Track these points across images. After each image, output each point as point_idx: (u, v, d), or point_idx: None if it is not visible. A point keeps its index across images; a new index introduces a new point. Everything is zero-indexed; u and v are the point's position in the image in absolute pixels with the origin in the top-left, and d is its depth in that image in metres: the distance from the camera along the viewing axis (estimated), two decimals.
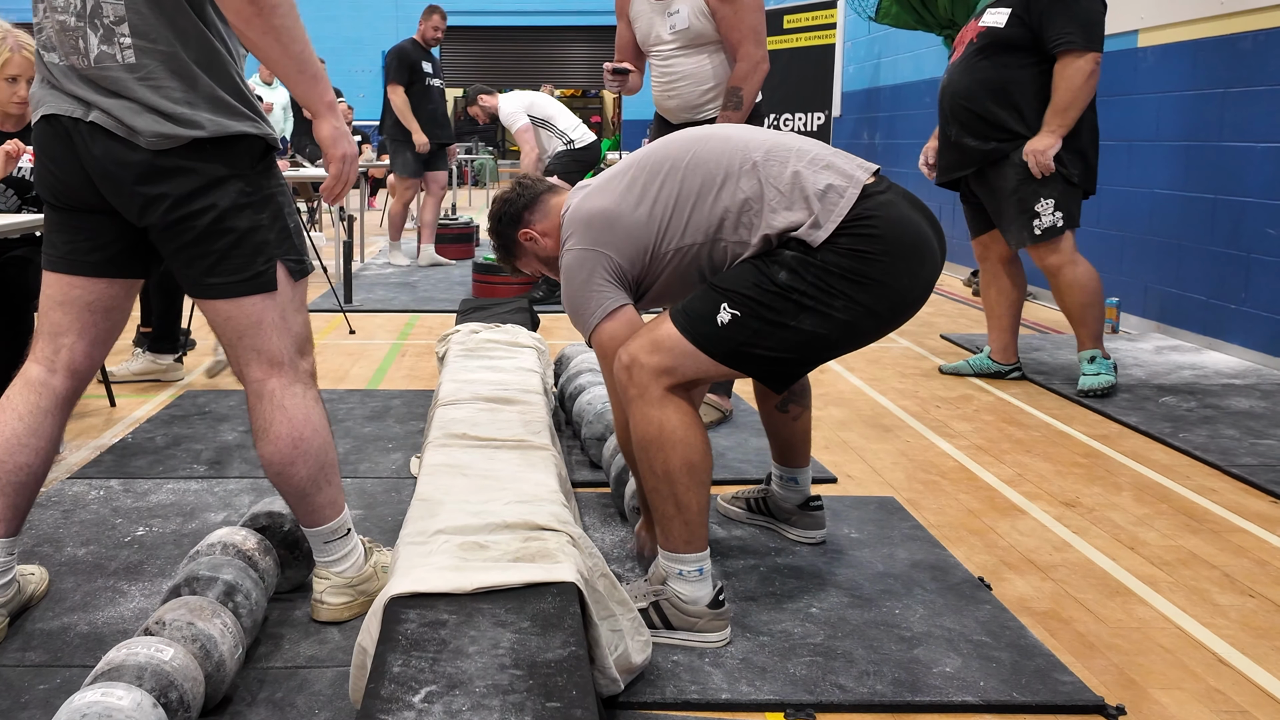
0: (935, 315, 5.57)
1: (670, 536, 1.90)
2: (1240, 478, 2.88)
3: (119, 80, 1.70)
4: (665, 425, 1.86)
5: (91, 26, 1.69)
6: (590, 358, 3.37)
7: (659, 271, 1.98)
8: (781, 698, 1.74)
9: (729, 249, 1.92)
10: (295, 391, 1.84)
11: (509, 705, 1.28)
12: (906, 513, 2.60)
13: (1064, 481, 2.89)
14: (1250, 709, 1.76)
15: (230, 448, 3.07)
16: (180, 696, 1.51)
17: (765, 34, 3.17)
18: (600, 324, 1.96)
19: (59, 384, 1.87)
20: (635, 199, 1.96)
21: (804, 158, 1.91)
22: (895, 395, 3.84)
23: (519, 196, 2.15)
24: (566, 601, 1.54)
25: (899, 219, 1.86)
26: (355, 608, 1.96)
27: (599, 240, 1.96)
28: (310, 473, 1.85)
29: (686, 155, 1.96)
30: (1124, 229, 5.21)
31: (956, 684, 1.78)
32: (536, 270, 2.24)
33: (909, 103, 8.08)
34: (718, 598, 1.90)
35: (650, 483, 1.89)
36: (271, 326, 1.81)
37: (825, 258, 1.84)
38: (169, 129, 1.69)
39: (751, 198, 1.89)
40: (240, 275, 1.78)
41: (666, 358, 1.89)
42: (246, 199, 1.76)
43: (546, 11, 16.65)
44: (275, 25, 1.66)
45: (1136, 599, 2.16)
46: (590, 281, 1.96)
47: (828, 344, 1.88)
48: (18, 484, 1.84)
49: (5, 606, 1.90)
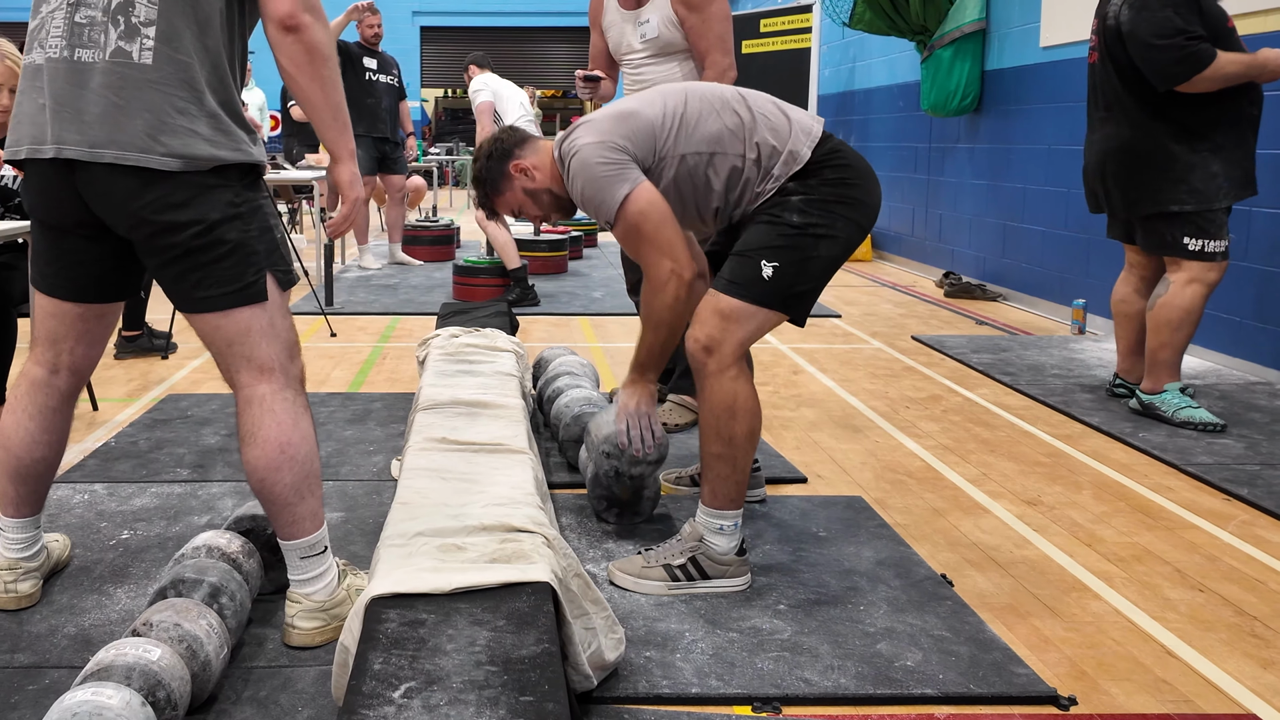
0: (907, 317, 5.67)
1: (719, 495, 2.18)
2: (1195, 476, 2.98)
3: (129, 77, 1.73)
4: (739, 397, 2.13)
5: (114, 22, 1.75)
6: (568, 361, 3.44)
7: (660, 173, 2.18)
8: (749, 691, 1.81)
9: (729, 163, 2.18)
10: (286, 397, 1.87)
11: (484, 700, 1.35)
12: (873, 512, 2.68)
13: (1026, 481, 2.98)
14: (1194, 698, 1.85)
15: (213, 451, 3.11)
16: (168, 695, 1.57)
17: (732, 42, 3.25)
18: (627, 197, 2.12)
19: (62, 383, 2.00)
20: (649, 103, 2.22)
21: (776, 100, 2.28)
22: (866, 396, 3.92)
23: (510, 136, 2.33)
24: (541, 601, 1.61)
25: (850, 150, 2.25)
26: (327, 633, 1.91)
27: (615, 132, 2.16)
28: (295, 480, 1.86)
29: (689, 87, 2.28)
30: (1090, 231, 5.32)
31: (917, 677, 1.86)
32: (515, 205, 2.33)
33: (882, 106, 8.19)
34: (742, 545, 2.21)
35: (715, 448, 2.16)
36: (261, 334, 1.85)
37: (823, 191, 2.16)
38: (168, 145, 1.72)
39: (745, 121, 2.19)
40: (230, 287, 1.81)
41: (738, 327, 2.14)
42: (235, 211, 1.80)
43: (528, 12, 16.68)
44: (323, 75, 1.83)
45: (1091, 594, 2.25)
46: (609, 164, 2.13)
47: (835, 263, 2.20)
48: (37, 475, 2.04)
49: (38, 571, 2.11)
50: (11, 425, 1.99)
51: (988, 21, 6.44)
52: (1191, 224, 3.39)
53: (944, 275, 6.63)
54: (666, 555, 2.21)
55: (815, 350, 4.78)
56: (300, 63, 1.80)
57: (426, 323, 5.23)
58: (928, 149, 7.36)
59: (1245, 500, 2.79)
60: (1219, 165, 3.35)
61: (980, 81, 6.50)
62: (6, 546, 2.05)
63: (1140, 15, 3.35)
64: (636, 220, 2.12)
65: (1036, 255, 5.89)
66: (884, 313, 5.81)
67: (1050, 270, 5.75)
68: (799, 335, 5.11)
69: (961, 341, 4.87)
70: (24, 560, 2.07)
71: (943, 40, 6.52)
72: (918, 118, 7.40)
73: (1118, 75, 3.45)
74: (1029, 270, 5.99)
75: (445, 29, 16.42)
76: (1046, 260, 5.78)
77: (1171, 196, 3.39)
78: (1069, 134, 5.53)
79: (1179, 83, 3.29)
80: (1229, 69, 3.26)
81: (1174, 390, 3.48)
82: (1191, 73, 3.26)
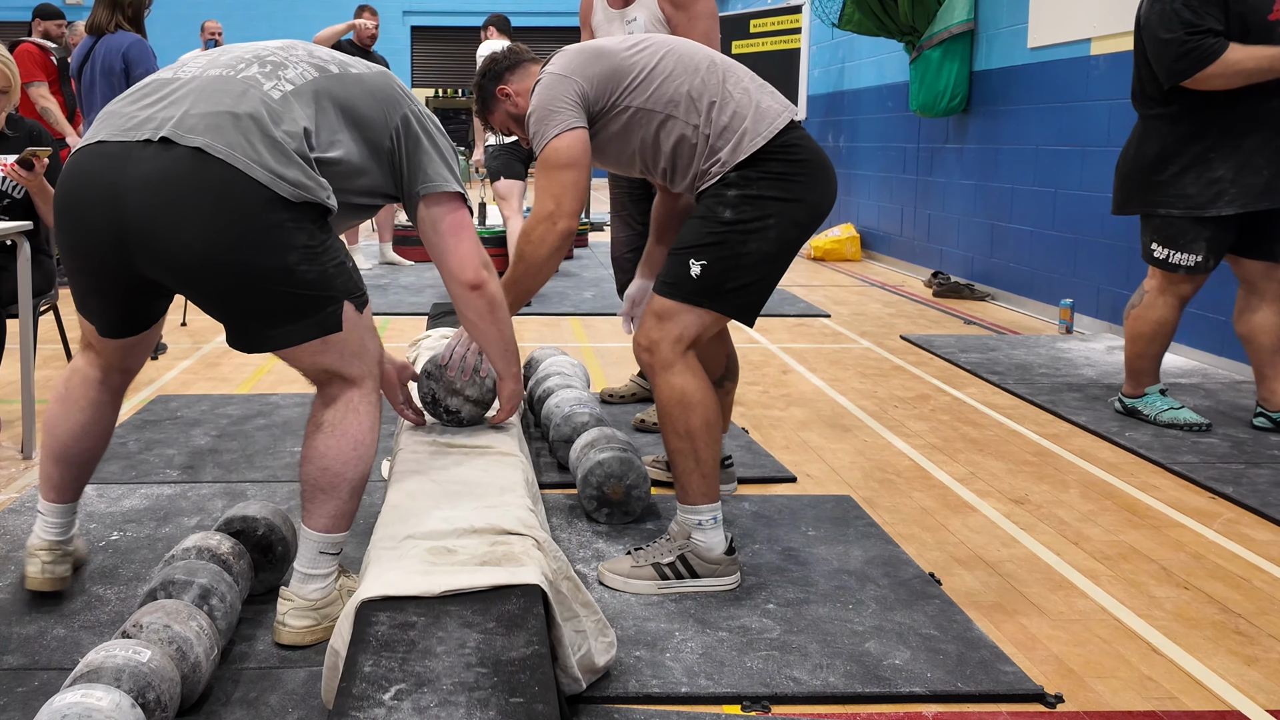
0: (896, 316, 5.69)
1: (690, 490, 2.21)
2: (1181, 475, 3.00)
3: (245, 97, 1.78)
4: (687, 390, 2.17)
5: (260, 64, 1.87)
6: (558, 361, 3.44)
7: (610, 119, 2.23)
8: (738, 690, 1.82)
9: (678, 130, 2.20)
10: (371, 402, 1.95)
11: (474, 701, 1.35)
12: (862, 511, 2.70)
13: (1014, 479, 3.00)
14: (1179, 695, 1.86)
15: (203, 452, 3.11)
16: (158, 697, 1.57)
17: (719, 40, 3.28)
18: (555, 137, 2.18)
19: (114, 381, 2.09)
20: (627, 49, 2.27)
21: (755, 81, 2.29)
22: (855, 395, 3.94)
23: (505, 58, 2.42)
24: (531, 603, 1.62)
25: (811, 146, 2.25)
26: (317, 633, 1.94)
27: (577, 68, 2.22)
28: (356, 477, 1.93)
29: (675, 44, 2.30)
30: (1077, 231, 5.35)
31: (905, 675, 1.88)
32: (503, 124, 2.45)
33: (871, 106, 8.21)
34: (730, 544, 2.23)
35: (674, 443, 2.20)
36: (352, 354, 1.91)
37: (760, 186, 2.17)
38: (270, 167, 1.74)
39: (710, 91, 2.20)
40: (309, 320, 1.83)
41: (673, 325, 2.19)
42: (311, 249, 1.80)
43: (519, 12, 16.66)
44: (500, 319, 2.12)
45: (1078, 592, 2.27)
46: (559, 101, 2.19)
47: (772, 259, 2.21)
48: (83, 463, 2.11)
49: (71, 558, 2.16)
50: (61, 415, 2.06)
51: (976, 22, 6.46)
52: (1162, 231, 3.28)
53: (932, 275, 6.65)
54: (655, 554, 2.23)
55: (804, 350, 4.80)
56: (483, 314, 2.08)
57: (418, 323, 5.23)
58: (916, 149, 7.38)
59: (1230, 498, 2.81)
60: (1226, 169, 3.17)
61: (968, 82, 6.53)
62: (45, 529, 2.10)
63: (1154, 8, 3.21)
64: (549, 155, 2.19)
65: (1024, 255, 5.92)
66: (873, 312, 5.83)
67: (1038, 270, 5.77)
68: (788, 335, 5.12)
69: (950, 341, 4.89)
70: (61, 543, 2.11)
71: (931, 41, 6.55)
72: (906, 118, 7.42)
73: (1142, 70, 3.32)
74: (1017, 270, 6.02)
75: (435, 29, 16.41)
76: (1034, 260, 5.81)
77: (1150, 199, 3.29)
78: (1056, 134, 5.56)
79: (1181, 79, 3.13)
80: (1246, 65, 3.06)
81: (1154, 393, 3.48)
82: (1193, 69, 3.09)
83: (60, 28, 6.49)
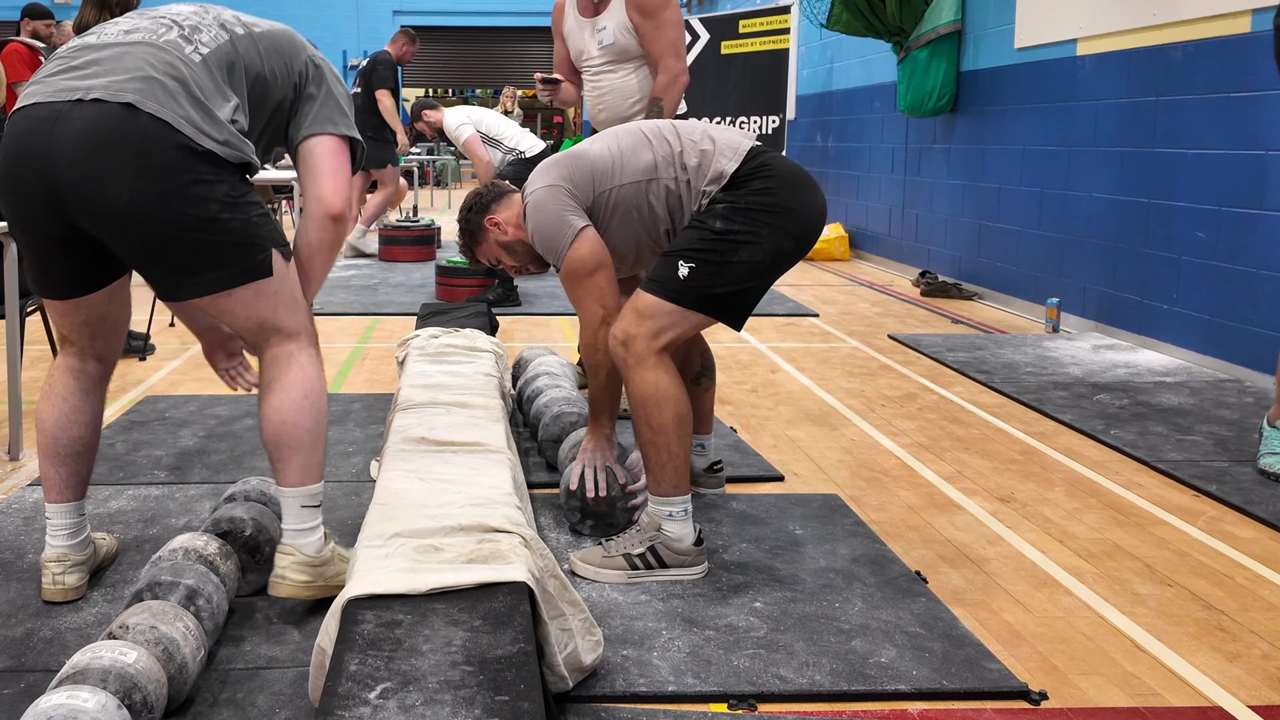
0: (884, 315, 5.71)
1: (662, 483, 2.26)
2: (1165, 473, 3.02)
3: (170, 63, 1.85)
4: (659, 384, 2.23)
5: (179, 29, 1.95)
6: (547, 361, 3.45)
7: (609, 207, 2.35)
8: (725, 689, 1.83)
9: (664, 186, 2.33)
10: (311, 353, 2.03)
11: (460, 699, 1.36)
12: (849, 509, 2.71)
13: (1000, 478, 3.02)
14: (1162, 691, 1.88)
15: (190, 453, 3.11)
16: (144, 698, 1.57)
17: (684, 47, 3.37)
18: (570, 246, 2.32)
19: (92, 369, 2.13)
20: (598, 142, 2.42)
21: (707, 125, 2.45)
22: (842, 394, 3.95)
23: (489, 191, 2.56)
24: (517, 601, 1.62)
25: (785, 162, 2.36)
26: (314, 589, 2.01)
27: (558, 176, 2.36)
28: (313, 425, 1.99)
29: (629, 125, 2.47)
30: (1064, 231, 5.38)
31: (890, 673, 1.89)
32: (492, 256, 2.57)
33: (859, 106, 8.24)
34: (700, 536, 2.29)
35: (647, 436, 2.25)
36: (286, 306, 1.98)
37: (748, 200, 2.26)
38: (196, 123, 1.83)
39: (674, 148, 2.35)
40: (238, 266, 1.91)
41: (653, 322, 2.24)
42: (233, 198, 1.89)
43: (508, 12, 16.65)
44: (332, 259, 2.12)
45: (1063, 590, 2.28)
46: (559, 211, 2.33)
47: (764, 268, 2.28)
48: (75, 454, 2.11)
49: (85, 565, 2.15)
50: (48, 409, 2.11)
51: (963, 23, 6.49)
52: None
53: (920, 274, 6.68)
54: (626, 545, 2.29)
55: (793, 349, 4.81)
56: (329, 245, 2.09)
57: (406, 323, 5.22)
58: (904, 149, 7.41)
59: (1213, 496, 2.83)
60: None
61: (956, 82, 6.55)
62: (54, 535, 2.11)
63: None
64: (574, 267, 2.32)
65: (1011, 254, 5.95)
66: (861, 312, 5.85)
67: (1025, 269, 5.80)
68: (777, 334, 5.14)
69: (937, 340, 4.91)
70: (71, 551, 2.12)
71: (919, 41, 6.57)
72: (894, 118, 7.45)
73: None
74: (1004, 269, 6.04)
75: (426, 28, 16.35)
76: (1021, 259, 5.84)
77: None
78: (1043, 134, 5.59)
79: None
80: None
81: None
82: None
83: (49, 27, 6.47)
